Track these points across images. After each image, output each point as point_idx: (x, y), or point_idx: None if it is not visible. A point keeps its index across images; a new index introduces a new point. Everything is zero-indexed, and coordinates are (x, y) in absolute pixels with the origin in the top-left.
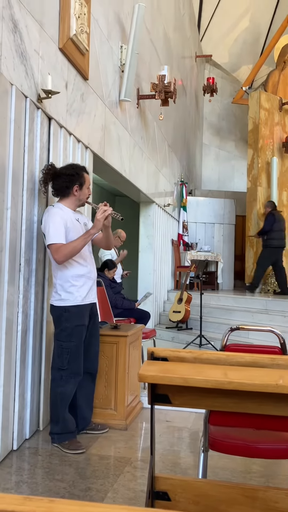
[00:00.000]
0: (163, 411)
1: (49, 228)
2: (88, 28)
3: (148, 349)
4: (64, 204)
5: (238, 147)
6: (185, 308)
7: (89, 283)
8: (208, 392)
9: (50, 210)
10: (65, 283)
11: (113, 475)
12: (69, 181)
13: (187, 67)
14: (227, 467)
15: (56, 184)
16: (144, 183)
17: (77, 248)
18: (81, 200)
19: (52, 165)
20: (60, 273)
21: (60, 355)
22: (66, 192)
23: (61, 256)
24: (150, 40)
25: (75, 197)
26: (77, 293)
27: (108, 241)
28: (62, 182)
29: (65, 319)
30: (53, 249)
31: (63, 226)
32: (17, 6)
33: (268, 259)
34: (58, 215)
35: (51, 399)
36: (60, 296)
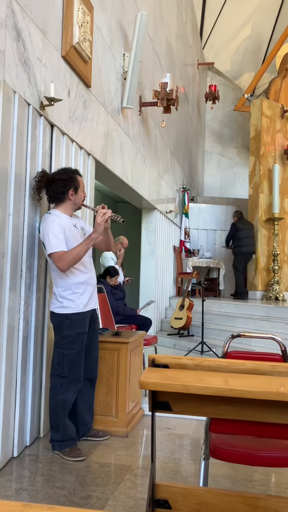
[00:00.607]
0: (164, 419)
1: (48, 237)
2: (91, 36)
3: (149, 356)
4: (60, 210)
5: (240, 154)
6: (187, 314)
7: (90, 289)
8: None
9: (47, 218)
10: (66, 290)
11: (114, 483)
12: (63, 186)
13: (189, 74)
14: (228, 475)
15: (51, 190)
16: (146, 190)
17: (80, 254)
18: (77, 204)
19: (44, 172)
20: (61, 281)
21: (60, 362)
22: (61, 197)
23: (65, 264)
24: (153, 48)
25: (71, 202)
26: (78, 300)
27: (108, 243)
28: (57, 188)
29: (67, 327)
30: (56, 258)
31: (62, 233)
32: (21, 15)
33: (240, 264)
34: (56, 223)
35: (50, 407)
36: (61, 304)
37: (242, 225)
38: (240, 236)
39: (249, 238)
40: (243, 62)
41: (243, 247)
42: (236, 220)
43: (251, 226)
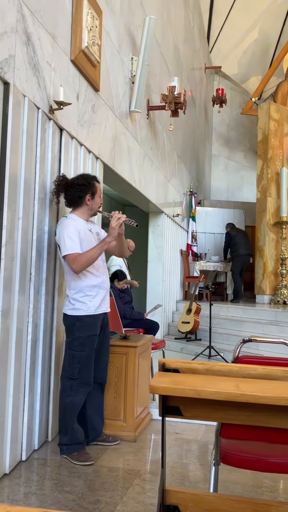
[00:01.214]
0: (172, 423)
1: (64, 239)
2: (100, 41)
3: (159, 360)
4: (77, 215)
5: (247, 158)
6: (194, 319)
7: (102, 293)
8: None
9: (64, 222)
10: (78, 293)
11: (122, 488)
12: (81, 191)
13: (197, 78)
14: (237, 481)
15: (69, 194)
16: (154, 193)
17: (93, 257)
18: (93, 209)
19: (64, 176)
20: (74, 284)
21: (70, 364)
22: (78, 202)
23: (79, 266)
24: (160, 52)
25: (87, 207)
26: (90, 303)
27: (122, 249)
28: (75, 192)
29: (78, 329)
30: (70, 259)
31: (77, 236)
32: (31, 20)
33: (238, 266)
34: (72, 226)
35: (60, 409)
36: (73, 306)
37: (235, 232)
38: (236, 241)
39: (245, 242)
40: (250, 66)
41: (239, 250)
42: (229, 230)
43: (245, 232)
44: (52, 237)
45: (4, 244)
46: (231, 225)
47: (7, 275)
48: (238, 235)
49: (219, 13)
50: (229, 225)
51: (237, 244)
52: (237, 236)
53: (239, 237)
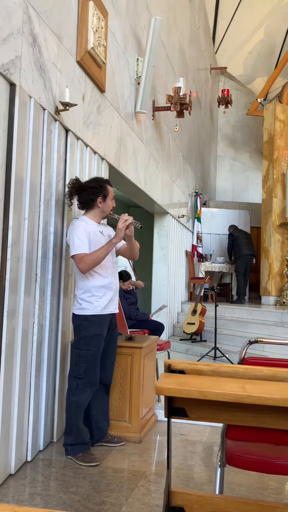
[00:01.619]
0: (177, 424)
1: (73, 239)
2: (105, 41)
3: (165, 361)
4: (88, 217)
5: (253, 158)
6: (199, 320)
7: (109, 294)
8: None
9: (74, 223)
10: (86, 293)
11: (128, 489)
12: (93, 193)
13: (202, 79)
14: (243, 483)
15: (81, 197)
16: (159, 194)
17: (100, 257)
18: (105, 212)
19: (77, 179)
20: (81, 284)
21: (77, 363)
22: (90, 204)
23: (85, 265)
24: (166, 53)
25: (99, 209)
26: (96, 303)
27: (133, 251)
28: (87, 195)
29: (84, 328)
30: (77, 259)
31: (86, 237)
32: (37, 21)
33: (241, 266)
34: (82, 227)
35: (66, 408)
36: (80, 305)
37: (238, 232)
38: (239, 241)
39: (247, 242)
40: (256, 66)
41: (242, 250)
42: (232, 231)
43: (247, 233)
44: (58, 238)
45: (10, 245)
46: (234, 227)
47: (13, 276)
48: (240, 235)
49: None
50: (232, 227)
51: (239, 245)
52: (239, 236)
53: (241, 237)
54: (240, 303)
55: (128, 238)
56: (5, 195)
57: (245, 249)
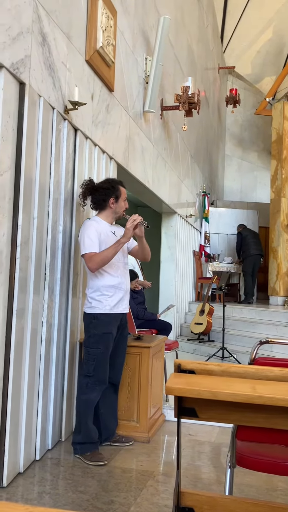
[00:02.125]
0: (186, 425)
1: (83, 239)
2: (114, 41)
3: (175, 361)
4: (101, 217)
5: (261, 158)
6: (207, 320)
7: (119, 293)
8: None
9: (86, 223)
10: (96, 292)
11: (136, 489)
12: (105, 194)
13: (210, 78)
14: (252, 484)
15: (94, 198)
16: (167, 194)
17: (108, 256)
18: (118, 213)
19: (91, 180)
20: (92, 283)
21: (87, 361)
22: (103, 205)
23: (94, 264)
24: (174, 52)
25: (111, 210)
26: (106, 301)
27: (144, 252)
28: (99, 196)
29: (94, 326)
30: (87, 258)
31: (96, 237)
32: (46, 20)
33: (249, 266)
34: (93, 227)
35: (76, 407)
36: (90, 304)
37: (246, 232)
38: (247, 241)
39: (256, 241)
40: (264, 66)
41: (250, 250)
42: (240, 230)
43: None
44: (67, 237)
45: (19, 244)
46: (243, 226)
47: (22, 275)
48: (249, 235)
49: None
50: (240, 226)
51: (248, 245)
52: (248, 236)
53: (250, 237)
54: (248, 303)
55: (139, 239)
56: (14, 194)
57: (253, 249)
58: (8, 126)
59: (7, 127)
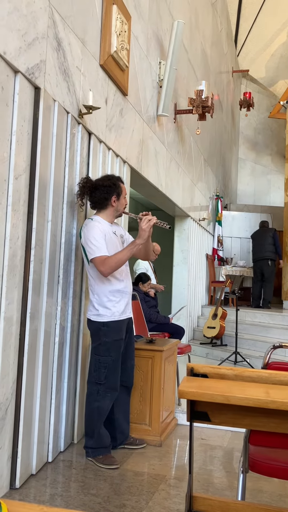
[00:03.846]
0: (198, 429)
1: (90, 242)
2: (128, 45)
3: (187, 365)
4: (101, 217)
5: (274, 161)
6: (220, 324)
7: (125, 298)
8: (249, 411)
9: (89, 224)
10: (102, 298)
11: (148, 492)
12: (106, 192)
13: (224, 82)
14: (265, 490)
15: (94, 196)
16: (180, 197)
17: (122, 259)
18: (119, 211)
19: (88, 178)
20: (97, 288)
21: (97, 369)
22: (104, 203)
23: (108, 268)
24: (188, 56)
25: (113, 208)
26: (114, 308)
27: (147, 252)
28: (100, 194)
29: (104, 334)
30: (99, 262)
31: (103, 238)
32: (61, 25)
33: (254, 272)
34: (97, 228)
35: (86, 413)
36: (97, 311)
37: (256, 234)
38: (253, 245)
39: (260, 245)
40: (278, 69)
41: (254, 255)
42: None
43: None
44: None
45: (33, 247)
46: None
47: (36, 278)
48: (255, 239)
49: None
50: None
51: (253, 249)
52: (254, 241)
53: (255, 242)
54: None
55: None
56: (29, 197)
57: (256, 254)
58: (23, 130)
59: (22, 131)
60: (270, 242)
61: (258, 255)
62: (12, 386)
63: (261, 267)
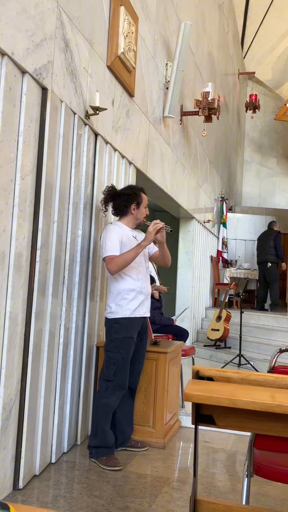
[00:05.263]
0: (201, 431)
1: (105, 242)
2: (135, 46)
3: (193, 368)
4: (122, 222)
5: (280, 164)
6: (224, 326)
7: (140, 297)
8: (254, 415)
9: (108, 227)
10: (117, 295)
11: (151, 495)
12: (127, 200)
13: (230, 84)
14: (269, 494)
15: (116, 203)
16: (185, 199)
17: (128, 258)
18: (139, 219)
19: (113, 186)
20: (112, 286)
21: (107, 366)
22: (124, 211)
23: (114, 266)
24: (194, 58)
25: (132, 216)
26: (126, 306)
27: (165, 258)
28: (121, 202)
29: (115, 331)
30: (107, 261)
31: (118, 240)
32: (69, 26)
33: (259, 275)
34: (115, 231)
35: (93, 410)
36: (111, 309)
37: (260, 236)
38: (257, 249)
39: (261, 248)
40: (285, 71)
41: (257, 258)
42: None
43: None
44: (85, 241)
45: (39, 247)
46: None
47: (41, 278)
48: (258, 241)
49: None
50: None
51: (257, 252)
52: (259, 241)
53: (258, 244)
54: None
55: (160, 244)
56: (35, 198)
57: (258, 257)
58: (30, 131)
59: (29, 132)
60: (271, 245)
61: (260, 258)
62: (17, 386)
63: (263, 270)
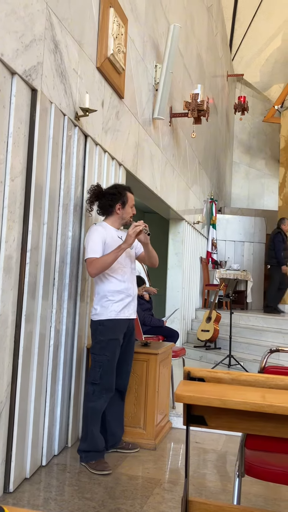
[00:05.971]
0: (192, 432)
1: (87, 244)
2: (125, 48)
3: (184, 369)
4: (107, 223)
5: (268, 165)
6: (214, 327)
7: (126, 299)
8: (246, 415)
9: (91, 228)
10: (102, 297)
11: (142, 496)
12: (111, 199)
13: (219, 86)
14: (260, 494)
15: (101, 203)
16: (175, 200)
17: (107, 261)
18: (125, 219)
19: (98, 185)
20: (98, 288)
21: (93, 368)
22: (109, 210)
23: (93, 269)
24: (183, 60)
25: (118, 215)
26: (111, 307)
27: (151, 258)
28: (106, 201)
29: (100, 333)
30: (87, 263)
31: (100, 242)
32: (59, 27)
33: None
34: (98, 232)
35: (83, 414)
36: (96, 311)
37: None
38: None
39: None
40: (273, 74)
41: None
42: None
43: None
44: (76, 242)
45: (29, 249)
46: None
47: (31, 280)
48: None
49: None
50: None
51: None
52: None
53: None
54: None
55: (144, 245)
56: (25, 200)
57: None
58: (20, 132)
59: (19, 133)
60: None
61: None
62: (7, 389)
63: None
